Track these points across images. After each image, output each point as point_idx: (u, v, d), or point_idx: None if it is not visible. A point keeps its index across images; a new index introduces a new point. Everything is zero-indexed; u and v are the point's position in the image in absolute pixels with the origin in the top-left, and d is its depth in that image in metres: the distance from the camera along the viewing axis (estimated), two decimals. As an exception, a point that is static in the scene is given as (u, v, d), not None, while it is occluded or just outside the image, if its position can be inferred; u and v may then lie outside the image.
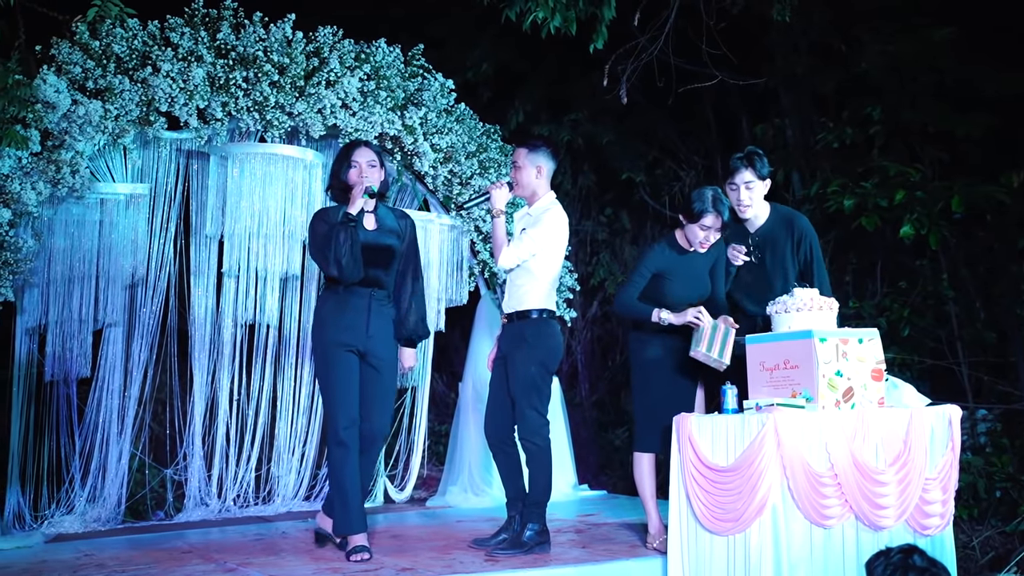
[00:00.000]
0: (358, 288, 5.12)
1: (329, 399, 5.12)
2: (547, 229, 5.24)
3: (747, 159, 5.19)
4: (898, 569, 3.31)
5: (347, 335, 5.09)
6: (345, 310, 5.10)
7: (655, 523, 5.27)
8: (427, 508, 7.11)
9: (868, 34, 7.54)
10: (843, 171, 7.55)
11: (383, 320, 5.20)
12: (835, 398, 4.45)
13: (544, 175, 5.32)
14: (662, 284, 5.17)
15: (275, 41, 6.20)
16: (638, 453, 5.31)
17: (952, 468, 4.73)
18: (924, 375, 7.04)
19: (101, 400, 6.41)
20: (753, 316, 5.21)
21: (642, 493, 5.32)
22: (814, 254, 5.24)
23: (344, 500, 5.10)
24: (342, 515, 5.14)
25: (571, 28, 6.07)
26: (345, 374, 5.09)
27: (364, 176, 5.08)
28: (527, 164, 5.29)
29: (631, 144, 9.38)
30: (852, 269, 7.95)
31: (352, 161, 5.13)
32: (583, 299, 9.15)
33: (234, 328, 6.80)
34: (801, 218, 5.34)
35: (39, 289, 6.16)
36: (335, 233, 4.96)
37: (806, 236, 5.24)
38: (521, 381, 5.19)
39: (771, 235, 5.27)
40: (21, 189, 5.51)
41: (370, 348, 5.15)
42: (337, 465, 5.10)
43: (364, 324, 5.12)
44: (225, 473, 6.83)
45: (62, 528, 6.11)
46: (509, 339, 5.28)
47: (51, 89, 5.52)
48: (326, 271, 5.06)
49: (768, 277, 5.24)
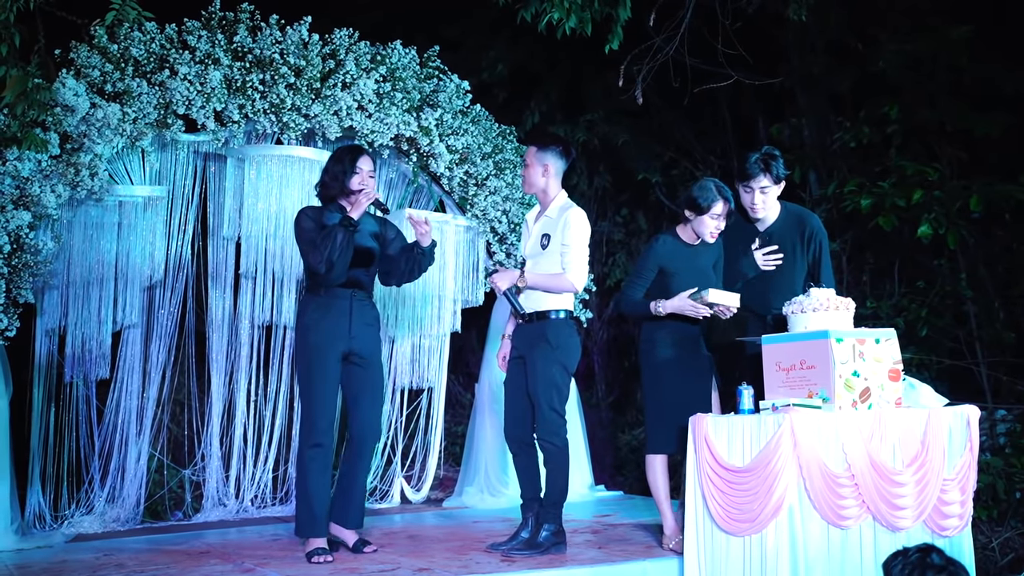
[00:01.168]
0: (339, 290, 5.21)
1: (308, 401, 5.19)
2: (580, 231, 5.20)
3: (764, 163, 5.14)
4: (916, 568, 3.30)
5: (330, 338, 5.17)
6: (327, 313, 5.19)
7: (670, 524, 5.24)
8: (444, 509, 7.12)
9: (885, 33, 7.52)
10: (860, 171, 7.52)
11: (365, 320, 5.30)
12: (852, 398, 4.43)
13: (551, 174, 5.27)
14: (668, 281, 5.16)
15: (291, 43, 6.23)
16: (650, 455, 5.28)
17: (970, 469, 4.70)
18: (942, 375, 7.00)
19: (120, 401, 6.44)
20: (763, 316, 5.20)
21: (656, 495, 5.29)
22: (822, 253, 5.21)
23: (309, 503, 5.16)
24: (307, 518, 5.17)
25: (586, 29, 6.06)
26: (326, 377, 5.17)
27: (365, 184, 5.19)
28: (534, 162, 5.27)
29: (647, 144, 9.37)
30: (869, 269, 7.92)
31: (356, 168, 5.21)
32: (599, 300, 9.15)
33: (251, 329, 6.83)
34: (812, 216, 5.31)
35: (58, 291, 6.21)
36: (334, 233, 5.04)
37: (816, 234, 5.21)
38: (543, 381, 5.17)
39: (781, 233, 5.25)
40: (41, 192, 5.56)
41: (353, 348, 5.24)
42: (307, 467, 5.16)
43: (347, 326, 5.21)
44: (243, 474, 6.86)
45: (82, 528, 6.14)
46: (528, 339, 5.25)
47: (70, 92, 5.56)
48: (314, 268, 5.10)
49: (775, 276, 5.21)
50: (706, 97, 7.54)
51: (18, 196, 5.53)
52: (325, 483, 5.20)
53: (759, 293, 5.21)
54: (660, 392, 5.19)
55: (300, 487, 5.23)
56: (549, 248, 5.22)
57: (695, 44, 6.71)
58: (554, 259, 5.20)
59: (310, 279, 5.28)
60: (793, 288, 5.10)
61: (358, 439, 5.30)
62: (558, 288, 5.19)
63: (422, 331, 7.26)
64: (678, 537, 5.10)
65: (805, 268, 5.22)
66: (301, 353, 5.24)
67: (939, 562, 3.29)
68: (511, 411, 5.35)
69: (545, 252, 5.23)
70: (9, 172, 5.46)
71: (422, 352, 7.36)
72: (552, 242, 5.21)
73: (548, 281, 5.20)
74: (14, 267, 5.57)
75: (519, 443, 5.32)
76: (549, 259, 5.22)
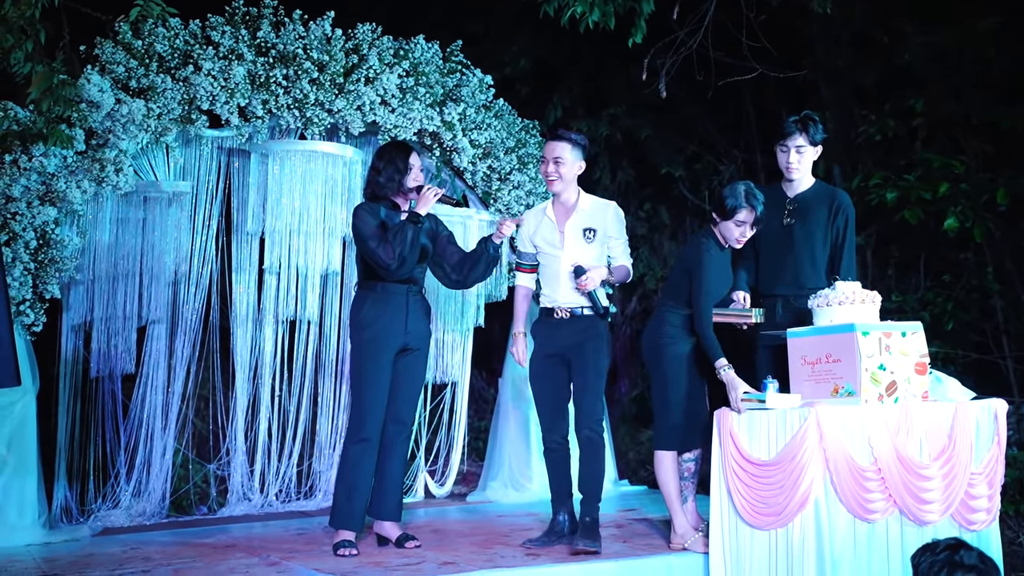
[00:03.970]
0: (396, 286, 5.27)
1: (361, 397, 5.24)
2: (622, 223, 5.38)
3: (802, 123, 5.19)
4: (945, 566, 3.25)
5: (386, 334, 5.24)
6: (385, 309, 5.26)
7: (681, 522, 5.19)
8: (467, 503, 7.12)
9: (911, 25, 7.46)
10: (885, 164, 7.48)
11: (419, 315, 5.38)
12: (878, 392, 4.41)
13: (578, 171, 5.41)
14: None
15: (314, 39, 6.24)
16: (660, 452, 5.23)
17: (998, 462, 4.68)
18: (968, 369, 6.95)
19: (145, 396, 6.48)
20: (773, 297, 5.18)
21: (666, 492, 5.23)
22: (847, 233, 5.13)
23: (351, 496, 5.22)
24: (347, 510, 5.23)
25: (609, 22, 6.05)
26: (380, 374, 5.23)
27: (420, 181, 5.33)
28: (571, 159, 5.31)
29: (670, 139, 9.35)
30: (895, 263, 7.88)
31: (410, 165, 5.31)
32: (622, 295, 9.13)
33: (275, 324, 6.85)
34: (844, 194, 5.27)
35: (84, 286, 6.24)
36: (404, 229, 5.11)
37: (844, 209, 5.15)
38: (597, 372, 5.28)
39: (808, 202, 5.20)
40: (66, 187, 5.60)
41: (408, 343, 5.32)
42: (355, 461, 5.22)
43: (403, 321, 5.28)
44: (267, 468, 6.88)
45: (108, 522, 6.18)
46: (577, 333, 5.30)
47: (95, 88, 5.59)
48: (385, 264, 5.12)
49: (796, 247, 5.14)
50: (730, 91, 7.51)
51: (44, 192, 5.58)
52: (368, 477, 5.25)
53: (780, 267, 5.18)
54: (669, 389, 5.16)
55: (342, 479, 5.27)
56: (594, 241, 5.31)
57: (719, 37, 6.69)
58: (597, 251, 5.32)
59: (366, 275, 5.33)
60: (815, 263, 5.11)
61: (395, 433, 5.37)
62: (627, 278, 5.43)
63: (445, 326, 7.27)
64: (694, 535, 5.10)
65: (827, 244, 5.15)
66: (357, 348, 5.30)
67: (969, 561, 3.23)
68: (551, 410, 5.41)
69: (589, 245, 5.31)
70: (35, 168, 5.50)
71: (445, 347, 7.35)
72: (597, 235, 5.31)
73: (623, 274, 5.40)
74: (40, 262, 5.62)
75: (560, 440, 5.39)
76: (592, 251, 5.31)
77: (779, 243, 5.21)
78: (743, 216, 4.96)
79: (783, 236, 5.20)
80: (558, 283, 5.34)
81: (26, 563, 5.12)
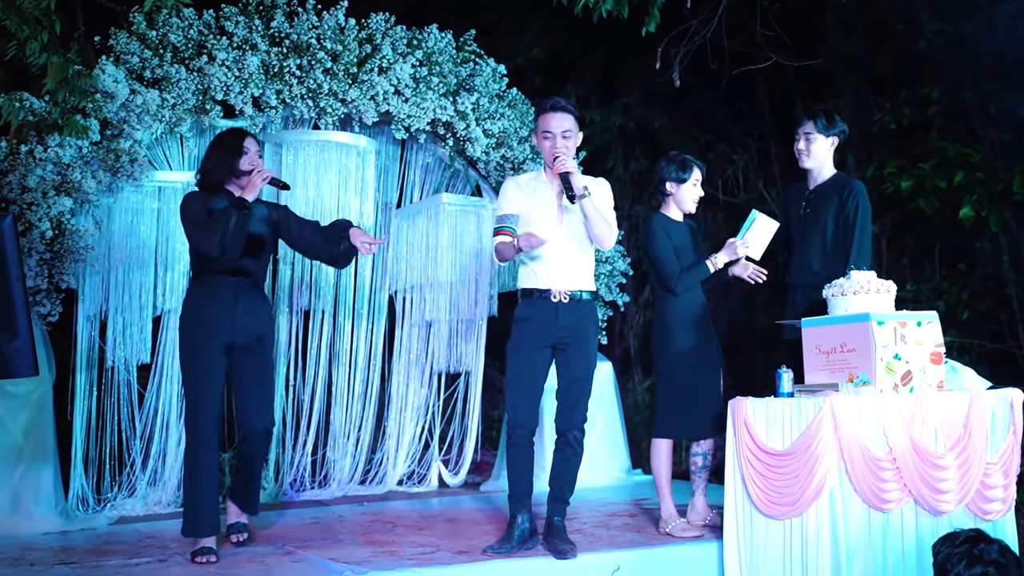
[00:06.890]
0: (224, 279, 4.98)
1: (192, 397, 4.94)
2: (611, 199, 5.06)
3: (813, 112, 5.34)
4: (964, 559, 3.24)
5: (213, 331, 4.94)
6: (211, 303, 4.97)
7: (669, 508, 5.29)
8: (481, 492, 7.13)
9: (927, 13, 7.42)
10: (900, 152, 7.45)
11: (250, 310, 5.05)
12: (893, 381, 4.40)
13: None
14: (677, 258, 5.27)
15: (328, 28, 6.24)
16: (656, 439, 5.34)
17: (1014, 452, 4.67)
18: (984, 359, 6.93)
19: (161, 385, 6.49)
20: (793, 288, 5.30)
21: (658, 478, 5.35)
22: (858, 218, 5.10)
23: (195, 501, 4.94)
24: (192, 516, 4.95)
25: (623, 11, 6.02)
26: (210, 372, 4.93)
27: (255, 164, 5.00)
28: (576, 132, 4.99)
29: (684, 128, 9.32)
30: (910, 251, 7.85)
31: (244, 148, 5.01)
32: (635, 284, 9.12)
33: (289, 314, 6.87)
34: (858, 183, 5.31)
35: (99, 276, 6.26)
36: (228, 215, 4.77)
37: (855, 195, 5.15)
38: (593, 364, 5.01)
39: (824, 193, 5.28)
40: (82, 178, 5.62)
41: (236, 340, 5.02)
42: (194, 464, 4.93)
43: (231, 316, 4.98)
44: (282, 458, 6.90)
45: (124, 511, 6.21)
46: (574, 321, 4.91)
47: (110, 79, 5.61)
48: (206, 250, 4.83)
49: (808, 237, 5.25)
50: (743, 80, 7.49)
51: (59, 182, 5.59)
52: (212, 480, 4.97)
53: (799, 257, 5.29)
54: (673, 379, 5.25)
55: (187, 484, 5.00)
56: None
57: (733, 26, 6.66)
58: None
59: (195, 266, 5.08)
60: (825, 251, 5.17)
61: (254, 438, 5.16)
62: (606, 229, 4.84)
63: (459, 315, 7.27)
64: (675, 521, 5.24)
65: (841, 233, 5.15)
66: (182, 344, 5.04)
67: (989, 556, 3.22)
68: (529, 400, 4.96)
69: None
70: (51, 158, 5.53)
71: (459, 336, 7.36)
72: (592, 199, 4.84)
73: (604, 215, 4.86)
74: (56, 252, 5.64)
75: (528, 436, 4.96)
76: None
77: (798, 234, 5.35)
78: (697, 174, 5.33)
79: (800, 227, 5.34)
80: (554, 263, 4.90)
81: (43, 551, 5.15)
